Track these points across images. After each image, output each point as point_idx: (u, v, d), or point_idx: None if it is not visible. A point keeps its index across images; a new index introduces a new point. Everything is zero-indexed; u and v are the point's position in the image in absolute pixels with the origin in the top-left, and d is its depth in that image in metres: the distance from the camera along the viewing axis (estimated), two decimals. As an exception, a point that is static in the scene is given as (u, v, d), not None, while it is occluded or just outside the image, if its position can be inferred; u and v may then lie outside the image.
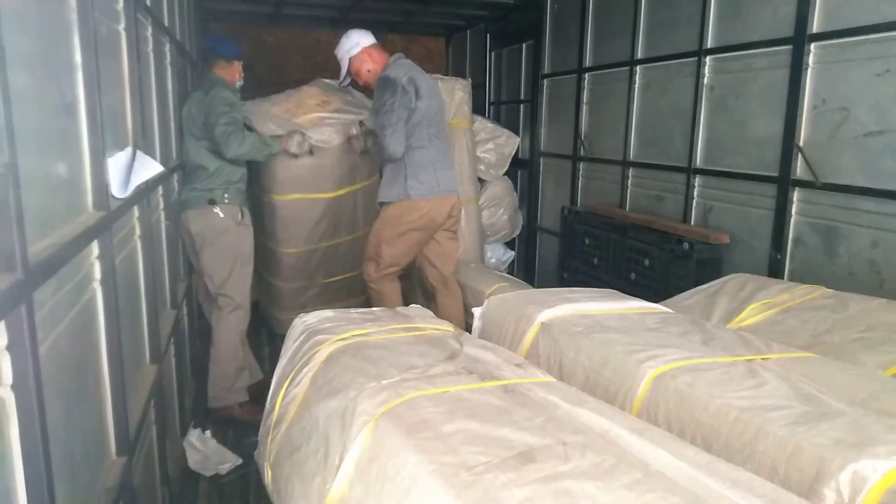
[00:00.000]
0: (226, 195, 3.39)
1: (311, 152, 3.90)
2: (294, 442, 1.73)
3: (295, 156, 3.87)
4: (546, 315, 2.13)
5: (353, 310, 2.35)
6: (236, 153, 3.34)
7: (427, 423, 1.26)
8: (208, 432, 3.20)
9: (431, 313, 2.29)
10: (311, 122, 4.03)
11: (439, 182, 3.39)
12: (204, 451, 3.08)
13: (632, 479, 1.00)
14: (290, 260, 4.28)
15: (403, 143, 3.32)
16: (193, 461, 3.01)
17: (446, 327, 2.10)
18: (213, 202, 3.36)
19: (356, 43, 3.49)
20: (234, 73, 3.54)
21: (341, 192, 4.25)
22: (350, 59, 3.52)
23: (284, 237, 4.21)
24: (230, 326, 3.45)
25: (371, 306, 3.54)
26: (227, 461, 3.07)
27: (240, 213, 3.45)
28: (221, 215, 3.37)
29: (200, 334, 4.06)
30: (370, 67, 3.51)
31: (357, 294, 4.53)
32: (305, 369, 1.94)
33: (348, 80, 3.69)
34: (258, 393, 3.55)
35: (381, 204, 3.53)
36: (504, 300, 2.38)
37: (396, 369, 1.61)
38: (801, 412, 1.31)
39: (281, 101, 4.16)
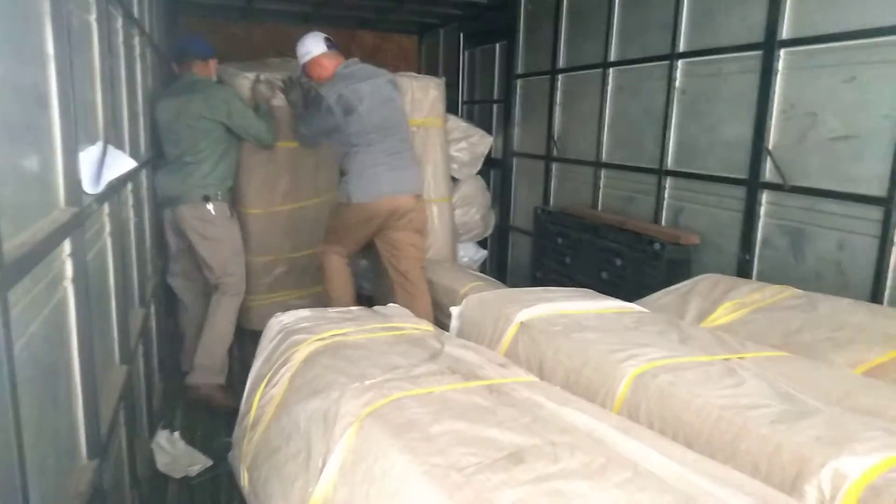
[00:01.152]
0: (219, 192, 3.54)
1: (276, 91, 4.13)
2: (273, 443, 1.71)
3: (270, 98, 4.06)
4: (525, 315, 2.14)
5: (330, 309, 2.33)
6: (273, 138, 3.72)
7: (414, 424, 1.26)
8: (177, 434, 3.14)
9: (410, 312, 2.28)
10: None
11: (381, 184, 3.46)
12: (173, 453, 3.02)
13: (622, 479, 1.01)
14: (257, 225, 4.30)
15: (304, 139, 3.81)
16: (162, 463, 2.94)
17: (426, 327, 2.09)
18: (206, 199, 3.49)
19: (308, 51, 3.60)
20: (210, 70, 3.68)
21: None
22: (303, 64, 3.66)
23: (248, 193, 4.23)
24: (228, 310, 3.63)
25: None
26: (197, 462, 3.01)
27: (228, 211, 3.61)
28: (213, 213, 3.51)
29: (169, 333, 4.00)
30: (320, 74, 3.63)
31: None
32: (283, 370, 1.91)
33: (304, 78, 3.83)
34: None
35: None
36: (482, 300, 2.38)
37: (379, 369, 1.60)
38: (781, 411, 1.34)
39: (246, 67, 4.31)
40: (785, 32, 2.97)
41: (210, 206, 3.50)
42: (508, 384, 1.49)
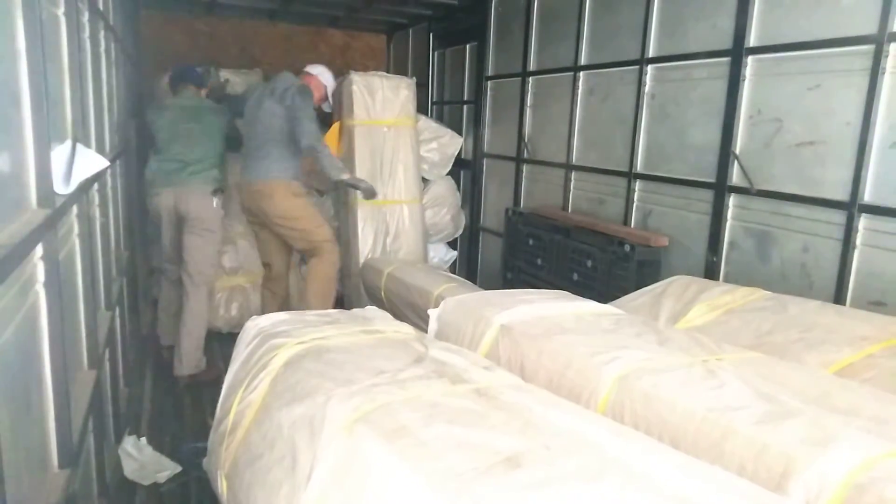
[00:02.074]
0: (223, 184, 3.95)
1: None
2: (254, 450, 1.67)
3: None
4: (505, 317, 2.14)
5: (307, 312, 2.30)
6: None
7: (406, 429, 1.25)
8: (143, 439, 3.06)
9: (389, 315, 2.26)
10: None
11: (241, 171, 4.08)
12: (140, 460, 2.95)
13: (620, 482, 1.02)
14: None
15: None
16: (129, 470, 2.86)
17: (406, 330, 2.08)
18: (215, 192, 3.85)
19: None
20: (202, 95, 4.14)
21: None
22: None
23: None
24: (203, 297, 3.91)
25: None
26: (166, 469, 2.94)
27: (221, 205, 3.97)
28: (215, 206, 3.85)
29: (133, 335, 3.92)
30: None
31: None
32: (262, 374, 1.87)
33: None
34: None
35: None
36: (460, 302, 2.38)
37: (364, 374, 1.58)
38: (764, 411, 1.37)
39: None
40: (752, 40, 3.05)
41: (216, 201, 3.85)
42: (496, 387, 1.50)
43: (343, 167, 3.96)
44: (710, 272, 3.28)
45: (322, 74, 4.20)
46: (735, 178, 3.18)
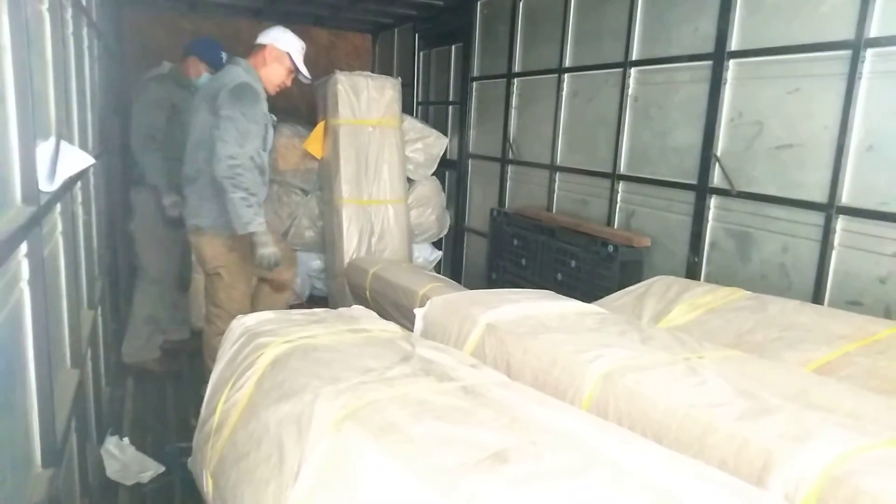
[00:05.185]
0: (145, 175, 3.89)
1: None
2: (240, 448, 1.67)
3: None
4: (491, 316, 2.16)
5: (293, 311, 2.30)
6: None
7: (394, 426, 1.26)
8: (126, 439, 3.05)
9: (376, 314, 2.27)
10: None
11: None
12: (123, 460, 2.93)
13: (606, 477, 1.04)
14: None
15: None
16: (112, 470, 2.85)
17: (393, 329, 2.09)
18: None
19: None
20: (190, 70, 4.03)
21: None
22: None
23: None
24: (143, 295, 4.00)
25: None
26: (148, 469, 2.93)
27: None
28: (143, 194, 3.90)
29: (115, 334, 3.89)
30: None
31: None
32: (248, 373, 1.87)
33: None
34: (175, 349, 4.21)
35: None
36: (447, 301, 2.40)
37: (352, 372, 1.59)
38: (745, 408, 1.40)
39: None
40: (734, 44, 3.10)
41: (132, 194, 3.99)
42: (483, 385, 1.51)
43: (252, 220, 2.96)
44: (692, 272, 3.33)
45: (278, 40, 3.16)
46: (716, 179, 3.23)
